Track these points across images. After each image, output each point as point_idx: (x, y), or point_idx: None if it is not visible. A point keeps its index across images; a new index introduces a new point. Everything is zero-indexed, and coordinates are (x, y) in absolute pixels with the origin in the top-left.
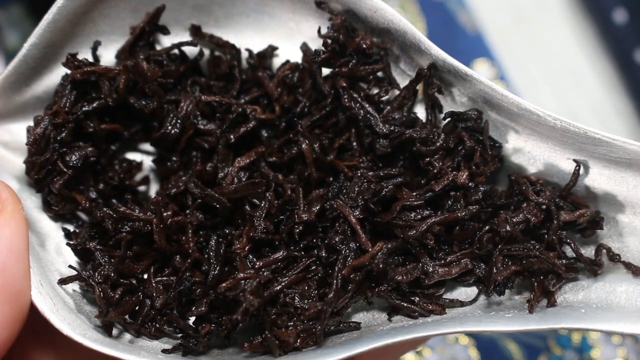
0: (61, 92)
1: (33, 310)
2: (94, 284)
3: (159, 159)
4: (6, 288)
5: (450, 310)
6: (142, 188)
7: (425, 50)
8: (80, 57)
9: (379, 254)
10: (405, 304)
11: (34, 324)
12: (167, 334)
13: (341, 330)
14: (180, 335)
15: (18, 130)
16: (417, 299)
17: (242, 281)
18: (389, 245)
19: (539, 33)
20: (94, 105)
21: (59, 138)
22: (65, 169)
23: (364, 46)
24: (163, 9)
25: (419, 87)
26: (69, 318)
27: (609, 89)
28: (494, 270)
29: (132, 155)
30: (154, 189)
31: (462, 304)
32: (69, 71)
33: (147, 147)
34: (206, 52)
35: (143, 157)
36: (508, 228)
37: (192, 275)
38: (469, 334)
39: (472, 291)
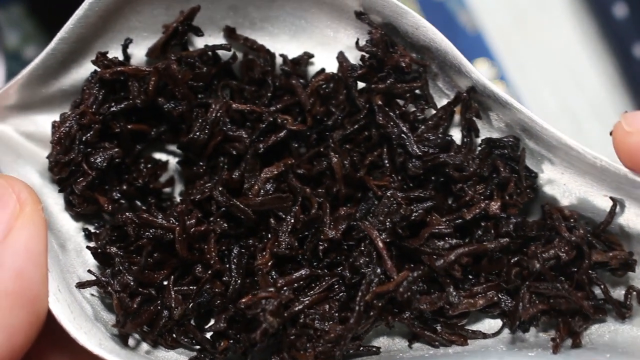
0: (89, 90)
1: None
2: (112, 292)
3: (184, 160)
4: (23, 293)
5: (472, 341)
6: (166, 190)
7: (466, 74)
8: (110, 54)
9: (404, 282)
10: (426, 332)
11: (52, 325)
12: (183, 345)
13: (360, 354)
14: (197, 347)
15: (43, 122)
16: (440, 327)
17: (263, 300)
18: (415, 274)
19: (539, 33)
20: (122, 106)
21: (84, 139)
22: (89, 171)
23: (403, 64)
24: (198, 10)
25: (456, 108)
26: (86, 326)
27: (609, 86)
28: (520, 307)
29: (157, 155)
30: (178, 190)
31: (485, 336)
32: (98, 68)
33: (174, 147)
34: (239, 54)
35: (169, 157)
36: (538, 266)
37: (213, 286)
38: None
39: (496, 323)
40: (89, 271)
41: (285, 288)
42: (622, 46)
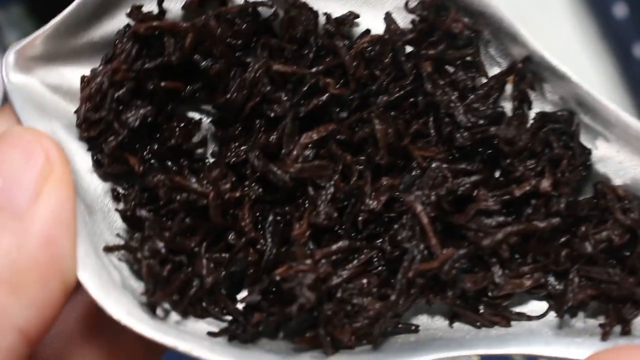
0: (121, 45)
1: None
2: (141, 259)
3: (218, 120)
4: (53, 264)
5: (515, 324)
6: (199, 151)
7: (522, 43)
8: (145, 7)
9: (449, 261)
10: (468, 312)
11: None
12: (213, 315)
13: (398, 332)
14: (227, 317)
15: (71, 75)
16: (482, 307)
17: (300, 273)
18: (461, 253)
19: (539, 33)
20: (156, 62)
21: (116, 96)
22: (120, 130)
23: (456, 30)
24: None
25: (509, 78)
26: (114, 294)
27: (609, 86)
28: (569, 292)
29: (190, 114)
30: (210, 151)
31: (529, 318)
32: (131, 22)
33: (208, 106)
34: (280, 12)
35: (202, 116)
36: (590, 249)
37: (246, 254)
38: None
39: (542, 305)
40: (118, 235)
41: (322, 261)
42: (622, 46)
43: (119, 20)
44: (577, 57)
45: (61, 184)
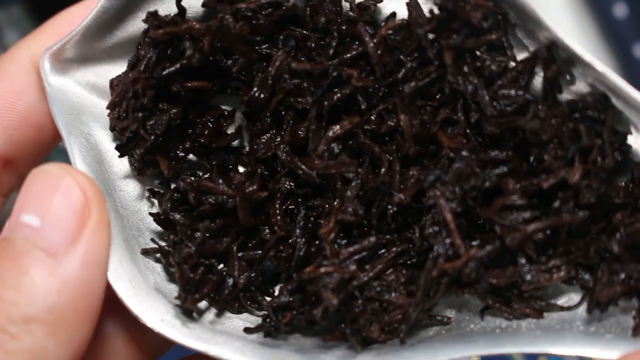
0: (143, 51)
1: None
2: (174, 264)
3: (249, 112)
4: (90, 306)
5: (547, 315)
6: (235, 142)
7: (544, 29)
8: (165, 5)
9: (472, 261)
10: (499, 305)
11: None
12: (249, 310)
13: (430, 324)
14: (262, 313)
15: (106, 73)
16: (513, 300)
17: (325, 276)
18: (483, 252)
19: None
20: (177, 66)
21: (139, 104)
22: (147, 137)
23: (474, 20)
24: None
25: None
26: (147, 300)
27: None
28: (598, 288)
29: (224, 106)
30: (247, 138)
31: (561, 308)
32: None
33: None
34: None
35: (235, 107)
36: (617, 249)
37: (278, 250)
38: None
39: (574, 296)
40: (152, 240)
41: (349, 259)
42: (622, 46)
43: (138, 21)
44: None
45: (99, 228)
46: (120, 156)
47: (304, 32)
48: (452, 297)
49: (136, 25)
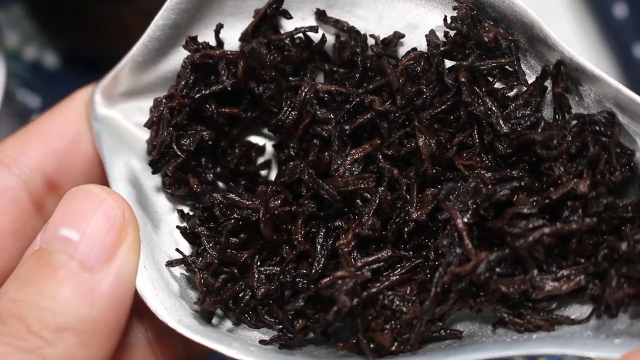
0: (182, 74)
1: None
2: (196, 270)
3: (279, 144)
4: (119, 322)
5: (558, 327)
6: (263, 172)
7: (552, 46)
8: (204, 39)
9: (482, 264)
10: (511, 317)
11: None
12: (267, 325)
13: (442, 338)
14: (279, 327)
15: (146, 107)
16: (525, 312)
17: (340, 280)
18: (493, 256)
19: None
20: (212, 89)
21: (173, 122)
22: (179, 152)
23: (486, 39)
24: None
25: (548, 84)
26: (168, 302)
27: None
28: (607, 291)
29: (255, 139)
30: (275, 174)
31: (572, 321)
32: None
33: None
34: (331, 37)
35: (266, 141)
36: (625, 248)
37: (298, 266)
38: None
39: (585, 309)
40: (177, 250)
41: (364, 268)
42: (622, 46)
43: (185, 54)
44: None
45: (132, 248)
46: (153, 172)
47: (331, 66)
48: (464, 315)
49: (177, 59)
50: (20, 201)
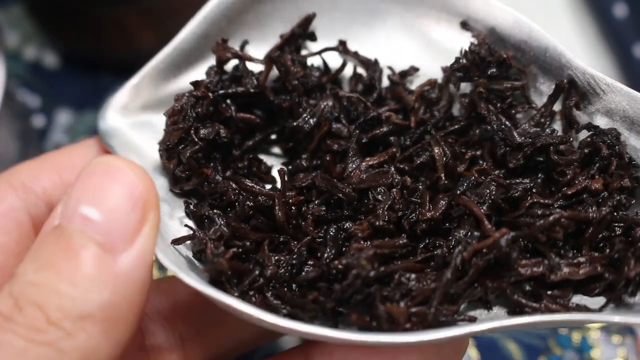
0: (208, 72)
1: None
2: (206, 240)
3: (288, 163)
4: (140, 306)
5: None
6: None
7: (566, 64)
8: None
9: (503, 239)
10: (528, 302)
11: None
12: (273, 308)
13: (456, 323)
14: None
15: (156, 120)
16: (543, 296)
17: (357, 251)
18: (514, 233)
19: None
20: (235, 89)
21: (196, 111)
22: (197, 139)
23: (505, 56)
24: (313, 17)
25: (558, 109)
26: (182, 264)
27: None
28: (626, 269)
29: (264, 158)
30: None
31: (588, 309)
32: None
33: (279, 152)
34: (347, 71)
35: (274, 162)
36: None
37: (308, 258)
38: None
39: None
40: (186, 225)
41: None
42: (622, 46)
43: (199, 72)
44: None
45: (154, 228)
46: (167, 158)
47: (349, 93)
48: (480, 306)
49: (197, 72)
50: (23, 224)
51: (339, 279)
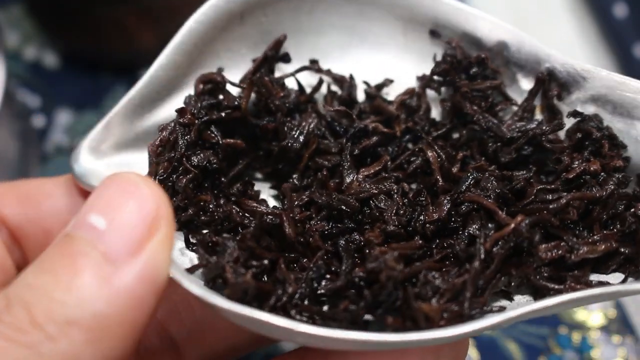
0: (188, 101)
1: None
2: (223, 264)
3: (276, 186)
4: (138, 323)
5: None
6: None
7: (544, 57)
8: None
9: (522, 224)
10: (551, 285)
11: None
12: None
13: (485, 315)
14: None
15: (131, 159)
16: (565, 279)
17: (382, 254)
18: (530, 219)
19: (540, 33)
20: (220, 114)
21: (186, 138)
22: (191, 168)
23: (483, 56)
24: (284, 39)
25: (538, 106)
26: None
27: None
28: None
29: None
30: None
31: (610, 285)
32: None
33: (260, 176)
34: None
35: (261, 188)
36: None
37: (326, 272)
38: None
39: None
40: (194, 251)
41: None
42: (622, 46)
43: (173, 104)
44: (577, 57)
45: (163, 245)
46: (161, 181)
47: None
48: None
49: (172, 106)
50: None
51: (362, 288)
